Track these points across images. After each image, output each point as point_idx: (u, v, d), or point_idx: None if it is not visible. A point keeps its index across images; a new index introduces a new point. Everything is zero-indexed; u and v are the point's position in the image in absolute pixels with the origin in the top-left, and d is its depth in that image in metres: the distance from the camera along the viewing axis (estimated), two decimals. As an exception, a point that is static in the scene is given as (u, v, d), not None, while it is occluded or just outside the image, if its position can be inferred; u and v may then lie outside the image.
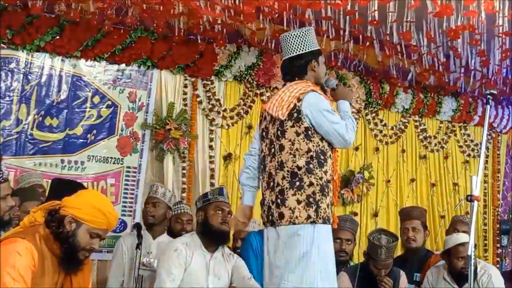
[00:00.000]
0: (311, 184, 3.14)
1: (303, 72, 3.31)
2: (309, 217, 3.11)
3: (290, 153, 3.18)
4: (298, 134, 3.19)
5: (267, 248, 3.28)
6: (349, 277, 4.08)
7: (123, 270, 4.26)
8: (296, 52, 3.30)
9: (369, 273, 4.11)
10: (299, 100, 3.19)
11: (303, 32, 3.33)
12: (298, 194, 3.14)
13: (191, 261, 3.75)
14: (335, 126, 3.19)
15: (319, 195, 3.14)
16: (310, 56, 3.31)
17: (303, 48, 3.30)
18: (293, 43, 3.30)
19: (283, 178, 3.19)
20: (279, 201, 3.18)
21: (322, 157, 3.19)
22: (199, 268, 3.77)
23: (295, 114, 3.19)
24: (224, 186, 4.41)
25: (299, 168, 3.16)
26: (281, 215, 3.16)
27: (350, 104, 3.44)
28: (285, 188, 3.17)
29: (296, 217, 3.12)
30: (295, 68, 3.31)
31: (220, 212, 3.83)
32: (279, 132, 3.24)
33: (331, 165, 3.25)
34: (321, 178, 3.16)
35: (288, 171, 3.18)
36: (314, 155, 3.17)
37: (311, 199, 3.13)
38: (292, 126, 3.19)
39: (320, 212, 3.12)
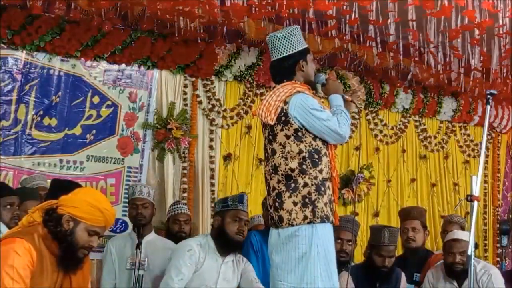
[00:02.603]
0: (305, 184, 3.13)
1: (292, 73, 3.28)
2: (306, 217, 3.10)
3: (282, 156, 3.17)
4: (288, 137, 3.17)
5: (270, 249, 3.29)
6: (351, 276, 4.08)
7: (114, 273, 4.25)
8: (283, 54, 3.27)
9: (369, 273, 4.11)
10: (285, 103, 3.17)
11: (289, 32, 3.29)
12: (294, 196, 3.13)
13: (204, 263, 3.74)
14: (326, 123, 3.17)
15: (315, 195, 3.13)
16: (298, 56, 3.28)
17: (290, 49, 3.27)
18: (280, 45, 3.27)
19: (279, 181, 3.18)
20: (277, 204, 3.18)
21: (316, 156, 3.18)
22: (210, 270, 3.76)
23: (283, 118, 3.17)
24: (245, 194, 4.28)
25: (292, 170, 3.15)
26: (281, 219, 3.16)
27: (343, 97, 3.37)
28: (281, 191, 3.17)
29: (294, 219, 3.12)
30: (284, 69, 3.29)
31: (237, 221, 3.78)
32: (270, 136, 3.24)
33: (327, 163, 3.22)
34: (316, 178, 3.15)
35: (282, 174, 3.17)
36: (306, 156, 3.16)
37: (307, 200, 3.12)
38: (282, 130, 3.18)
39: (317, 211, 3.12)
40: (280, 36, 3.28)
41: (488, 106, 3.31)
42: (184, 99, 5.69)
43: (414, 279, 4.57)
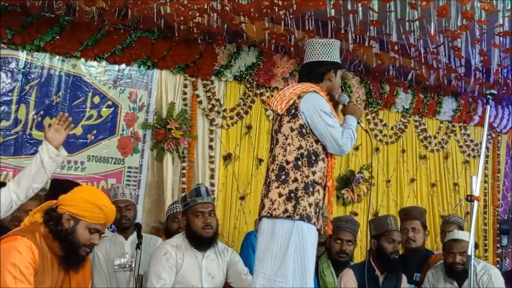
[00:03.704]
0: (295, 180, 3.18)
1: (319, 79, 3.37)
2: (286, 211, 3.14)
3: (282, 147, 3.24)
4: (292, 130, 3.24)
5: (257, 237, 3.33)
6: (354, 273, 4.08)
7: (105, 279, 4.22)
8: (318, 58, 3.37)
9: (372, 271, 4.12)
10: (299, 97, 3.26)
11: (330, 42, 3.41)
12: (281, 187, 3.18)
13: (183, 263, 3.72)
14: (330, 129, 3.22)
15: (301, 192, 3.17)
16: (331, 65, 3.38)
17: (326, 56, 3.37)
18: (318, 49, 3.37)
19: (273, 170, 3.25)
20: (265, 192, 3.25)
21: (313, 158, 3.22)
22: (191, 269, 3.74)
23: (293, 110, 3.25)
24: (202, 184, 4.33)
25: (288, 163, 3.21)
26: (263, 206, 3.22)
27: (359, 123, 3.45)
28: (271, 180, 3.23)
29: (274, 209, 3.16)
30: (313, 73, 3.37)
31: (200, 215, 3.77)
32: (277, 126, 3.32)
33: (323, 169, 3.26)
34: (307, 177, 3.19)
35: (277, 164, 3.24)
36: (305, 153, 3.21)
37: (292, 194, 3.16)
38: (288, 122, 3.25)
39: (299, 208, 3.14)
40: (321, 42, 3.40)
41: (488, 106, 3.32)
42: (184, 99, 5.68)
43: (414, 279, 4.58)
